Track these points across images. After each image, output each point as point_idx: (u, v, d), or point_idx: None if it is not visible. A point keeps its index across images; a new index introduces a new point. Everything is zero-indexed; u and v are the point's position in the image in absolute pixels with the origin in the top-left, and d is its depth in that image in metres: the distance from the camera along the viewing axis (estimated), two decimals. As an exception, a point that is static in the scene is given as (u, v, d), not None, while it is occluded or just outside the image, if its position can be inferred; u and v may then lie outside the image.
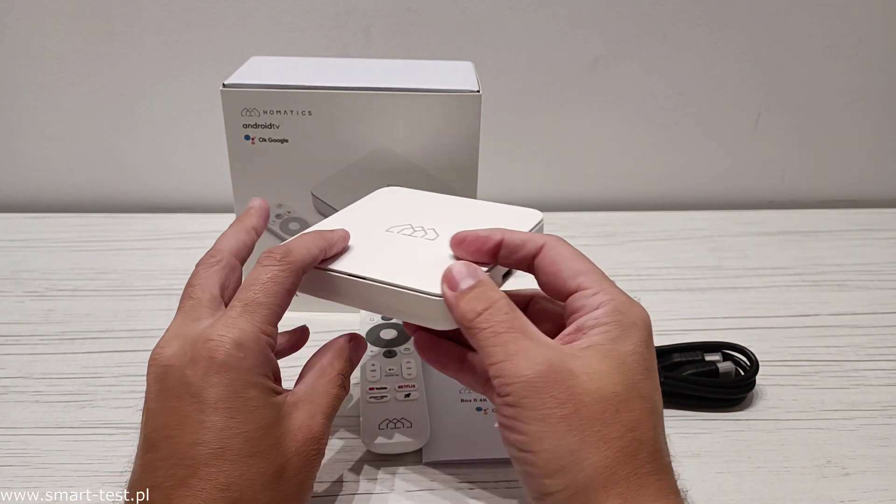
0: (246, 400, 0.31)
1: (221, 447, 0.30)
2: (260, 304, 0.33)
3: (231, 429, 0.31)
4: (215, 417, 0.31)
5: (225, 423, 0.31)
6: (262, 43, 0.68)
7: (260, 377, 0.32)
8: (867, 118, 0.75)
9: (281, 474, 0.32)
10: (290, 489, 0.32)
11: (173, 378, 0.32)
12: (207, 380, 0.31)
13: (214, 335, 0.32)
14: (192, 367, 0.32)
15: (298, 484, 0.33)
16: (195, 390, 0.31)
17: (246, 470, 0.31)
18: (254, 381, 0.32)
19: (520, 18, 0.68)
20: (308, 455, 0.33)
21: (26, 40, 0.68)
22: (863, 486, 0.42)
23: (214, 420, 0.31)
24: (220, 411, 0.31)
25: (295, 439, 0.33)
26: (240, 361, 0.31)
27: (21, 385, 0.49)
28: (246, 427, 0.31)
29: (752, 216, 0.74)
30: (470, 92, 0.48)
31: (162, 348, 0.33)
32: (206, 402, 0.31)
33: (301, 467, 0.33)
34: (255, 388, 0.32)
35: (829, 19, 0.70)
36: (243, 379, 0.31)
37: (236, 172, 0.51)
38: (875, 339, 0.55)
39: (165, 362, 0.32)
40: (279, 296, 0.34)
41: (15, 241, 0.68)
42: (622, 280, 0.34)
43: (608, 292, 0.34)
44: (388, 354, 0.48)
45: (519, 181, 0.77)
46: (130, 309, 0.58)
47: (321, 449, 0.34)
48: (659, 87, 0.72)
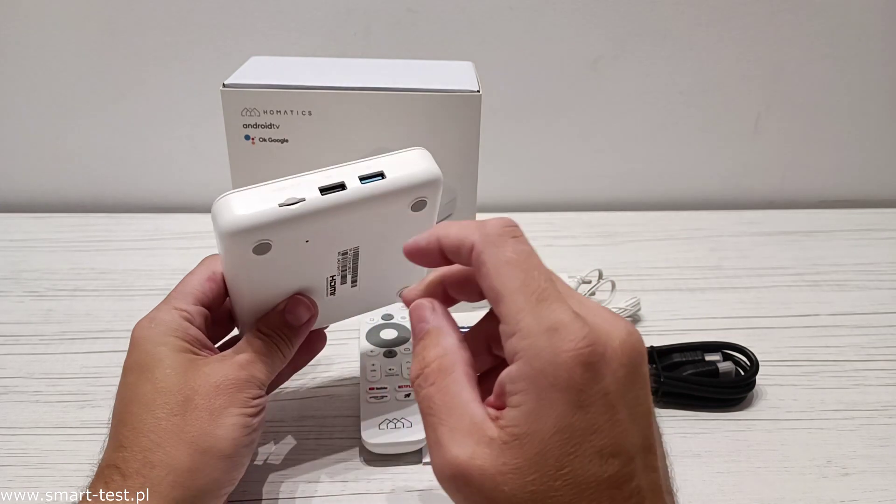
0: (156, 354, 0.36)
1: (134, 395, 0.35)
2: (177, 291, 0.39)
3: (141, 379, 0.35)
4: (130, 376, 0.36)
5: (137, 377, 0.36)
6: (262, 43, 0.68)
7: (170, 338, 0.36)
8: (867, 118, 0.75)
9: (188, 402, 0.35)
10: (202, 414, 0.35)
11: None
12: (129, 354, 0.37)
13: (137, 322, 0.38)
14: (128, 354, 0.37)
15: (211, 411, 0.35)
16: (125, 368, 0.37)
17: (150, 404, 0.35)
18: (163, 341, 0.36)
19: (520, 18, 0.68)
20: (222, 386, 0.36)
21: (26, 40, 0.68)
22: (863, 486, 0.42)
23: (129, 378, 0.36)
24: (133, 371, 0.36)
25: (204, 374, 0.36)
26: (150, 331, 0.37)
27: (21, 385, 0.49)
28: (154, 374, 0.35)
29: (752, 216, 0.74)
30: (470, 92, 0.48)
31: None
32: (126, 369, 0.36)
33: (213, 396, 0.35)
34: (164, 346, 0.36)
35: (829, 19, 0.70)
36: (154, 340, 0.36)
37: (236, 172, 0.51)
38: (875, 339, 0.55)
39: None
40: (195, 282, 0.39)
41: (15, 241, 0.68)
42: (622, 280, 0.33)
43: (524, 334, 0.27)
44: (388, 354, 0.48)
45: (519, 181, 0.77)
46: (130, 309, 0.58)
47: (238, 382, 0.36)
48: (659, 87, 0.72)
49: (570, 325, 0.26)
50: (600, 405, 0.26)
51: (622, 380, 0.27)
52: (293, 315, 0.39)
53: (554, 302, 0.27)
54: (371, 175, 0.36)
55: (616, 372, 0.27)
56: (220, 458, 0.35)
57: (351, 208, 0.35)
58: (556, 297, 0.27)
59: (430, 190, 0.37)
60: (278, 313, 0.39)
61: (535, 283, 0.28)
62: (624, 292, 0.56)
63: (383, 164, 0.36)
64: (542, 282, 0.28)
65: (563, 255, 0.64)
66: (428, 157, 0.38)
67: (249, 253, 0.35)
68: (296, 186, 0.35)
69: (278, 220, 0.34)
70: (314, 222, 0.35)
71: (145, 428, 0.34)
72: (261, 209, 0.34)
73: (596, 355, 0.26)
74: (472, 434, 0.27)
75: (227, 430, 0.35)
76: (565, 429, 0.26)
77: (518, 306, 0.27)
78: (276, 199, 0.34)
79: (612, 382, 0.27)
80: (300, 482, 0.42)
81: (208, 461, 0.34)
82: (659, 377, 0.47)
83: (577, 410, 0.26)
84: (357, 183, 0.35)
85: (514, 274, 0.28)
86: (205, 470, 0.34)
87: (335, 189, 0.35)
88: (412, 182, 0.36)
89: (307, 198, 0.34)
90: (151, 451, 0.33)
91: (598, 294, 0.56)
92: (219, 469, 0.35)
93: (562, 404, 0.26)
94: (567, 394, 0.26)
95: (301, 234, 0.35)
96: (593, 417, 0.26)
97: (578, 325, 0.26)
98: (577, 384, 0.26)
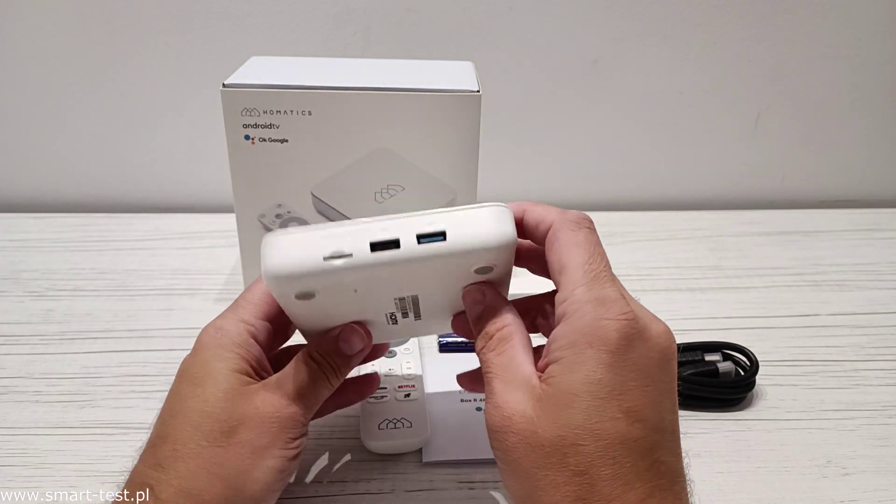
0: (210, 370, 0.34)
1: (182, 408, 0.34)
2: (245, 300, 0.37)
3: (192, 394, 0.34)
4: (182, 385, 0.35)
5: (189, 390, 0.34)
6: (262, 43, 0.68)
7: (231, 353, 0.35)
8: (867, 118, 0.75)
9: (232, 434, 0.33)
10: (243, 451, 0.33)
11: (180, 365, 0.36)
12: (189, 358, 0.36)
13: (205, 327, 0.36)
14: (189, 356, 0.36)
15: (254, 449, 0.33)
16: (181, 370, 0.35)
17: (196, 426, 0.33)
18: (223, 356, 0.35)
19: (520, 18, 0.68)
20: (268, 423, 0.34)
21: (26, 40, 0.68)
22: (863, 486, 0.42)
23: (181, 387, 0.35)
24: (187, 380, 0.35)
25: (254, 406, 0.34)
26: (215, 340, 0.35)
27: (21, 385, 0.49)
28: (206, 391, 0.34)
29: (752, 216, 0.74)
30: (470, 92, 0.48)
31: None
32: (180, 375, 0.35)
33: (258, 432, 0.34)
34: (222, 361, 0.35)
35: (829, 19, 0.70)
36: (214, 353, 0.35)
37: (236, 172, 0.51)
38: (875, 339, 0.55)
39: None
40: (267, 294, 0.37)
41: (15, 241, 0.68)
42: (622, 280, 0.33)
43: (575, 299, 0.31)
44: (388, 354, 0.48)
45: (519, 181, 0.77)
46: (130, 309, 0.58)
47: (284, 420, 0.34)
48: (659, 87, 0.72)
49: (616, 301, 0.30)
50: (631, 371, 0.29)
51: (655, 361, 0.30)
52: (347, 344, 0.36)
53: (607, 281, 0.31)
54: (431, 234, 0.32)
55: (650, 352, 0.30)
56: (249, 500, 0.34)
57: (404, 267, 0.32)
58: (610, 279, 0.32)
59: (498, 255, 0.33)
60: (332, 339, 0.36)
61: (596, 264, 0.32)
62: (624, 292, 0.57)
63: (447, 222, 0.32)
64: (602, 265, 0.32)
65: (563, 255, 0.64)
66: (504, 216, 0.32)
67: (292, 297, 0.33)
68: (346, 237, 0.31)
69: (322, 273, 0.31)
70: (361, 277, 0.32)
71: (186, 452, 0.33)
72: (305, 259, 0.31)
73: (634, 328, 0.30)
74: (521, 387, 0.31)
75: (264, 473, 0.34)
76: (595, 382, 0.29)
77: (576, 278, 0.31)
78: (322, 250, 0.31)
79: (644, 357, 0.30)
80: (300, 482, 0.42)
81: (238, 501, 0.33)
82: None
83: (608, 369, 0.29)
84: (413, 241, 0.31)
85: (580, 253, 0.32)
86: None
87: (388, 246, 0.31)
88: (477, 247, 0.32)
89: (354, 254, 0.31)
90: (188, 479, 0.32)
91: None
92: None
93: (594, 361, 0.29)
94: (601, 353, 0.29)
95: (348, 286, 0.33)
96: (624, 380, 0.29)
97: (623, 303, 0.30)
98: (612, 347, 0.29)
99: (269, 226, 0.52)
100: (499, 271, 0.34)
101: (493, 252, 0.32)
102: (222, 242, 0.67)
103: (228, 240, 0.67)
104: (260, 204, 0.52)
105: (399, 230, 0.32)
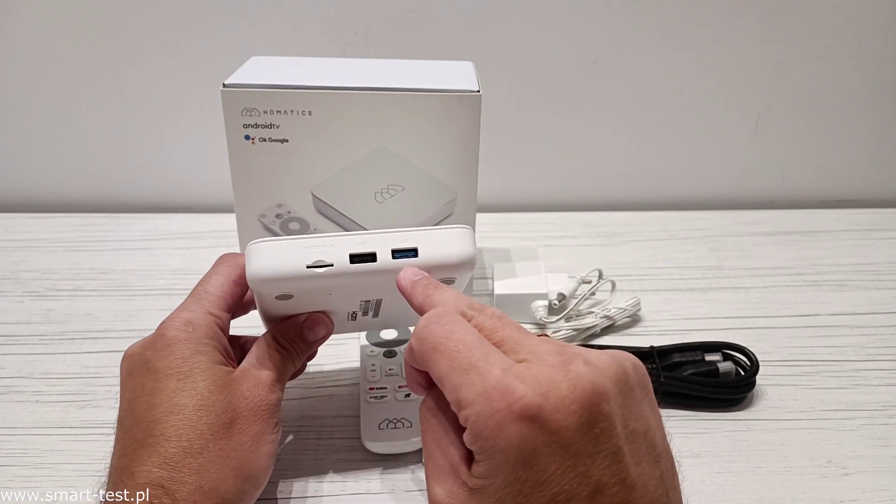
0: (195, 363, 0.35)
1: (173, 405, 0.34)
2: (207, 293, 0.38)
3: (182, 389, 0.34)
4: (168, 382, 0.34)
5: (176, 385, 0.34)
6: (262, 43, 0.68)
7: (208, 347, 0.36)
8: (867, 118, 0.75)
9: (231, 425, 0.34)
10: (244, 440, 0.35)
11: (135, 362, 0.36)
12: (161, 353, 0.35)
13: (167, 320, 0.37)
14: (150, 349, 0.36)
15: (252, 437, 0.35)
16: (151, 365, 0.35)
17: (196, 422, 0.34)
18: (202, 350, 0.36)
19: (520, 18, 0.68)
20: (259, 411, 0.36)
21: (26, 40, 0.68)
22: (863, 486, 0.42)
23: (167, 384, 0.34)
24: (171, 376, 0.35)
25: (244, 396, 0.36)
26: (189, 335, 0.36)
27: (21, 385, 0.49)
28: (196, 385, 0.34)
29: (752, 216, 0.74)
30: (470, 92, 0.48)
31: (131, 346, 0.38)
32: (160, 372, 0.35)
33: (253, 421, 0.35)
34: (203, 355, 0.35)
35: (829, 19, 0.70)
36: (193, 347, 0.35)
37: (236, 172, 0.51)
38: (875, 339, 0.55)
39: (129, 353, 0.37)
40: (226, 286, 0.38)
41: (15, 241, 0.68)
42: (622, 280, 0.33)
43: (464, 404, 0.28)
44: (388, 354, 0.48)
45: (519, 181, 0.77)
46: (130, 309, 0.58)
47: (271, 406, 0.36)
48: (659, 87, 0.72)
49: (499, 386, 0.27)
50: (546, 456, 0.26)
51: (573, 426, 0.27)
52: (311, 332, 0.39)
53: (482, 368, 0.28)
54: (405, 250, 0.36)
55: (565, 420, 0.27)
56: (256, 487, 0.36)
57: (377, 276, 0.36)
58: (483, 362, 0.28)
59: (460, 272, 0.37)
60: (296, 326, 0.39)
61: (461, 358, 0.29)
62: (624, 292, 0.57)
63: (419, 240, 0.36)
64: (467, 353, 0.29)
65: (563, 255, 0.64)
66: (468, 238, 0.37)
67: (272, 297, 0.36)
68: (327, 248, 0.35)
69: (303, 278, 0.35)
70: (339, 283, 0.36)
71: (194, 448, 0.33)
72: (288, 266, 0.35)
73: (532, 408, 0.26)
74: (450, 475, 0.29)
75: (263, 458, 0.36)
76: (514, 482, 0.27)
77: (453, 384, 0.29)
78: (305, 259, 0.35)
79: (558, 431, 0.26)
80: (300, 482, 0.42)
81: (248, 490, 0.35)
82: (659, 377, 0.47)
83: (521, 466, 0.27)
84: (388, 256, 0.36)
85: (439, 359, 0.29)
86: (245, 500, 0.35)
87: (365, 259, 0.35)
88: (444, 263, 0.36)
89: (335, 264, 0.35)
90: (202, 475, 0.33)
91: (599, 294, 0.56)
92: (254, 497, 0.36)
93: (507, 462, 0.27)
94: (509, 452, 0.27)
95: (325, 290, 0.37)
96: (541, 469, 0.27)
97: (506, 384, 0.27)
98: (517, 441, 0.26)
99: (269, 226, 0.52)
100: (457, 284, 0.38)
101: (457, 267, 0.37)
102: (222, 242, 0.67)
103: (228, 240, 0.67)
104: (260, 204, 0.52)
105: (376, 245, 0.36)
